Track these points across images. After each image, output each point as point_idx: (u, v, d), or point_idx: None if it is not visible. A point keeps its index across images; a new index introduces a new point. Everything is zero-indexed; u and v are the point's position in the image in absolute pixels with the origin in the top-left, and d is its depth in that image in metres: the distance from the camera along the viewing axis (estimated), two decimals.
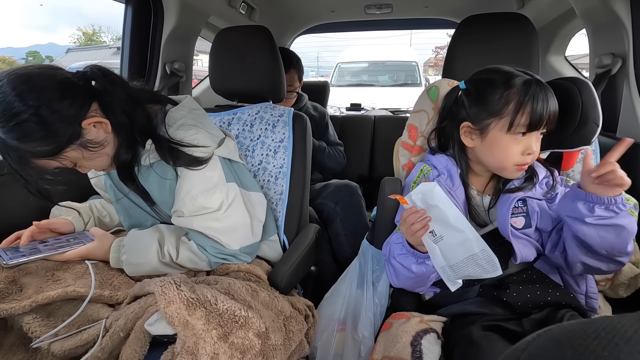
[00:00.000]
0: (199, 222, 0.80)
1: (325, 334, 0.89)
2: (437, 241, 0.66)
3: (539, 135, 0.73)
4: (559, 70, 1.74)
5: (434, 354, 0.68)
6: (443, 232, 0.65)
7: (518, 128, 0.70)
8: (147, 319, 0.64)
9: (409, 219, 0.67)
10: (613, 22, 1.06)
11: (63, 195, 0.95)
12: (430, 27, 2.73)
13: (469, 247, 0.64)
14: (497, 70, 0.75)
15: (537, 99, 0.69)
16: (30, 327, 0.65)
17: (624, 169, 0.63)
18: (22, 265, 0.76)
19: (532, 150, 0.71)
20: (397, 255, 0.74)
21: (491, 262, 0.64)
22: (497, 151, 0.73)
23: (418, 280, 0.75)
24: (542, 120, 0.69)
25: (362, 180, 1.88)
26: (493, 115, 0.72)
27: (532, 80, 0.71)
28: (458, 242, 0.64)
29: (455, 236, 0.64)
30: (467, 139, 0.78)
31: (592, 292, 0.79)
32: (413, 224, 0.67)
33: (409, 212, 0.67)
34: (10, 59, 18.11)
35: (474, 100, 0.76)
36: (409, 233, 0.68)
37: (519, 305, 0.72)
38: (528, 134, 0.71)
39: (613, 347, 0.21)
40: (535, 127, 0.70)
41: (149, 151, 0.79)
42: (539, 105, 0.69)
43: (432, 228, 0.66)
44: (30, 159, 0.67)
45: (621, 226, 0.64)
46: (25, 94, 0.64)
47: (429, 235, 0.66)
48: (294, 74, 1.60)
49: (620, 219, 0.64)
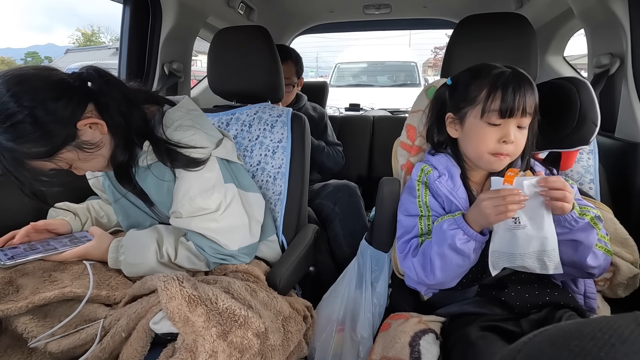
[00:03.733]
0: (197, 223, 0.80)
1: (323, 335, 0.89)
2: (516, 228, 0.66)
3: (520, 125, 0.72)
4: (557, 70, 1.74)
5: (432, 354, 0.68)
6: (528, 224, 0.66)
7: (490, 114, 0.72)
8: (152, 318, 0.64)
9: (508, 198, 0.64)
10: (611, 22, 1.06)
11: (59, 197, 0.94)
12: (429, 28, 2.73)
13: (545, 242, 0.65)
14: (481, 65, 0.77)
15: (508, 87, 0.70)
16: (27, 328, 0.65)
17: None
18: (19, 265, 0.75)
19: (509, 139, 0.71)
20: (458, 242, 0.69)
21: (554, 262, 0.66)
22: (473, 139, 0.75)
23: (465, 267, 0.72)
24: (515, 107, 0.70)
25: (361, 180, 1.87)
26: (469, 103, 0.75)
27: (506, 72, 0.72)
28: (537, 236, 0.65)
29: (539, 230, 0.66)
30: (451, 130, 0.80)
31: (591, 292, 0.79)
32: (509, 204, 0.64)
33: (511, 192, 0.65)
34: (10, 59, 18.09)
35: (454, 91, 0.79)
36: (498, 210, 0.65)
37: (517, 305, 0.72)
38: (504, 122, 0.71)
39: (609, 347, 0.21)
40: (507, 113, 0.70)
41: (146, 152, 0.78)
42: (508, 92, 0.70)
43: (517, 214, 0.66)
44: (25, 160, 0.67)
45: (577, 241, 0.67)
46: (20, 94, 0.64)
47: (512, 219, 0.66)
48: (290, 65, 1.58)
49: (574, 234, 0.66)
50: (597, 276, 0.72)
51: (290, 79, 1.58)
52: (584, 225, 0.66)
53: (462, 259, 0.70)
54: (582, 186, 0.93)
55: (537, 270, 0.67)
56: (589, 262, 0.68)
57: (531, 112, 0.72)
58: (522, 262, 0.67)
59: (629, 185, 0.95)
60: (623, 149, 1.01)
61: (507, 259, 0.68)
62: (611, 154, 1.00)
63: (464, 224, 0.69)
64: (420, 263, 0.75)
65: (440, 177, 0.79)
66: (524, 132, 0.74)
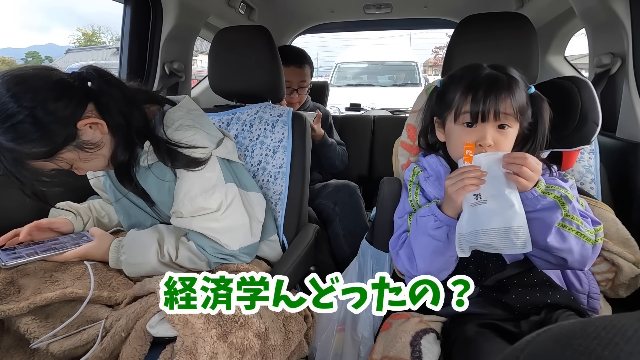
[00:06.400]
0: (198, 222, 0.80)
1: (324, 334, 0.89)
2: (478, 204, 0.65)
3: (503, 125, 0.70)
4: (558, 70, 1.74)
5: (433, 353, 0.68)
6: (489, 199, 0.65)
7: (462, 117, 0.71)
8: (149, 320, 0.64)
9: (466, 174, 0.65)
10: (612, 21, 1.06)
11: (60, 197, 0.94)
12: (429, 27, 2.73)
13: (509, 218, 0.63)
14: (468, 66, 0.76)
15: (478, 90, 0.68)
16: (29, 328, 0.65)
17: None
18: (20, 266, 0.75)
19: (485, 142, 0.68)
20: (430, 228, 0.71)
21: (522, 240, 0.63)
22: (452, 142, 0.76)
23: (444, 255, 0.72)
24: (485, 111, 0.68)
25: (361, 180, 1.87)
26: (447, 107, 0.75)
27: (482, 74, 0.71)
28: (499, 212, 0.64)
29: (500, 205, 0.64)
30: (439, 134, 0.80)
31: (595, 293, 0.78)
32: (467, 178, 0.65)
33: (469, 169, 0.66)
34: (10, 59, 18.10)
35: (439, 95, 0.79)
36: (456, 186, 0.66)
37: (518, 307, 0.72)
38: (480, 124, 0.69)
39: (613, 346, 0.21)
40: (479, 117, 0.68)
41: (147, 152, 0.78)
42: (478, 96, 0.68)
43: (479, 191, 0.66)
44: (25, 160, 0.67)
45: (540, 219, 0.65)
46: (20, 95, 0.64)
47: (473, 196, 0.66)
48: (307, 69, 1.60)
49: (539, 213, 0.65)
50: (580, 267, 0.69)
51: (306, 82, 1.60)
52: (548, 204, 0.65)
53: (437, 245, 0.70)
54: (583, 186, 0.93)
55: (504, 250, 0.64)
56: (552, 243, 0.65)
57: (510, 113, 0.68)
58: (486, 240, 0.64)
59: (630, 185, 0.95)
60: (624, 148, 1.01)
61: (471, 238, 0.65)
62: (612, 154, 1.00)
63: (437, 210, 0.71)
64: (405, 254, 0.77)
65: (429, 178, 0.81)
66: (508, 132, 0.70)
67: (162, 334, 0.64)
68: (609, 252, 0.80)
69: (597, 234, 0.69)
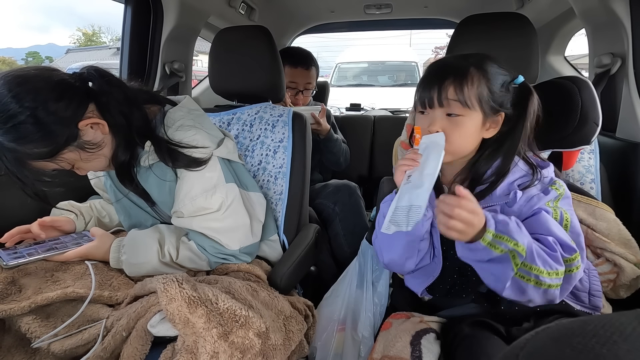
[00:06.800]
0: (198, 222, 0.80)
1: (325, 334, 0.89)
2: (406, 184, 0.67)
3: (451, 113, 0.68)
4: (558, 70, 1.74)
5: (433, 353, 0.68)
6: (412, 179, 0.66)
7: (418, 105, 0.73)
8: (150, 319, 0.64)
9: (407, 155, 0.69)
10: (612, 21, 1.06)
11: (61, 197, 0.95)
12: (429, 27, 2.73)
13: (413, 197, 0.63)
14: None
15: (427, 76, 0.71)
16: (30, 328, 0.65)
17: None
18: (21, 266, 0.76)
19: (432, 128, 0.68)
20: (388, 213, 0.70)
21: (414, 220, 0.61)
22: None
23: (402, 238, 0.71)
24: (430, 97, 0.68)
25: (361, 180, 1.87)
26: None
27: (442, 62, 0.73)
28: (410, 190, 0.65)
29: (414, 185, 0.65)
30: None
31: (596, 290, 0.77)
32: (403, 159, 0.69)
33: (410, 153, 0.69)
34: (11, 59, 18.08)
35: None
36: (396, 167, 0.70)
37: (507, 318, 0.72)
38: (430, 111, 0.70)
39: (612, 344, 0.21)
40: (425, 103, 0.70)
41: (148, 152, 0.79)
42: (425, 82, 0.70)
43: (412, 172, 0.67)
44: (27, 160, 0.67)
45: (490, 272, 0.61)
46: (21, 95, 0.64)
47: (407, 177, 0.67)
48: (313, 71, 1.60)
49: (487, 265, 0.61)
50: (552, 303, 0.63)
51: (312, 84, 1.60)
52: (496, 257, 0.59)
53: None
54: (584, 186, 0.93)
55: (402, 227, 0.63)
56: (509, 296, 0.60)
57: (454, 99, 0.67)
58: (396, 217, 0.64)
59: (630, 185, 0.95)
60: (624, 148, 1.01)
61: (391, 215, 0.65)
62: (612, 154, 1.00)
63: (393, 195, 0.72)
64: (377, 244, 0.78)
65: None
66: (458, 120, 0.67)
67: (163, 334, 0.64)
68: (611, 253, 0.80)
69: (572, 263, 0.62)
